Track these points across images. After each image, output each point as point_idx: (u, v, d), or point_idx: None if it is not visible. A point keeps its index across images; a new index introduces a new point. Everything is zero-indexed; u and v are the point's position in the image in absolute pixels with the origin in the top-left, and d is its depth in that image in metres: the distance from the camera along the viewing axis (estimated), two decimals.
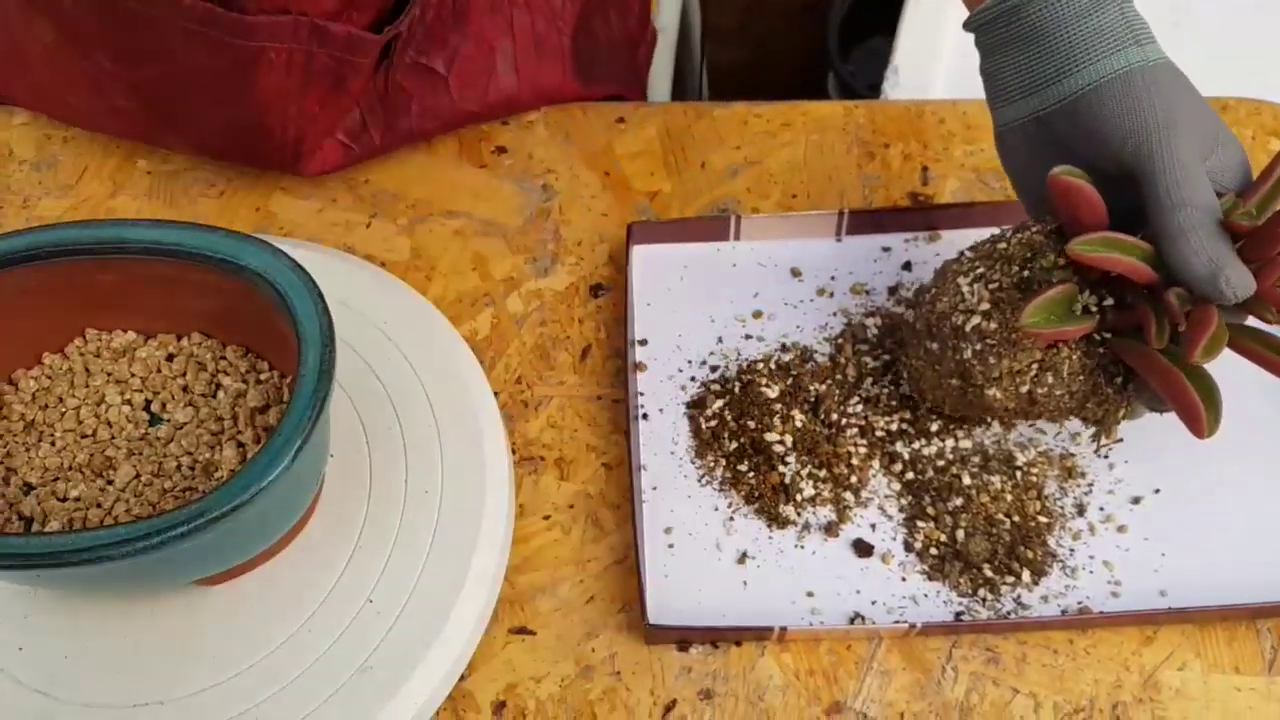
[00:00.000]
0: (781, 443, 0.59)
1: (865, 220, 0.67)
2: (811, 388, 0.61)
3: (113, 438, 0.55)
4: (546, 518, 0.59)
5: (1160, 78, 0.51)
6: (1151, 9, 0.94)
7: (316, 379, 0.48)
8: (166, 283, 0.55)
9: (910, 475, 0.59)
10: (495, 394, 0.62)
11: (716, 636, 0.55)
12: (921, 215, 0.68)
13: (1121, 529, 0.58)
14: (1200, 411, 0.48)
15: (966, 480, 0.57)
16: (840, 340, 0.64)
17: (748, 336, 0.65)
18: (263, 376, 0.56)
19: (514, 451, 0.61)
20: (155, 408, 0.56)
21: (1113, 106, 0.50)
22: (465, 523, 0.55)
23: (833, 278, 0.67)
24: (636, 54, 0.80)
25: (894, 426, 0.60)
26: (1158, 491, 0.59)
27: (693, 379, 0.64)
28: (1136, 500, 0.59)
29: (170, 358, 0.57)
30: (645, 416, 0.63)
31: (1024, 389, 0.52)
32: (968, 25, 0.56)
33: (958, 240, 0.67)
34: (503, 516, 0.56)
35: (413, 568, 0.54)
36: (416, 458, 0.57)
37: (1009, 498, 0.57)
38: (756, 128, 0.74)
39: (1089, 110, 0.51)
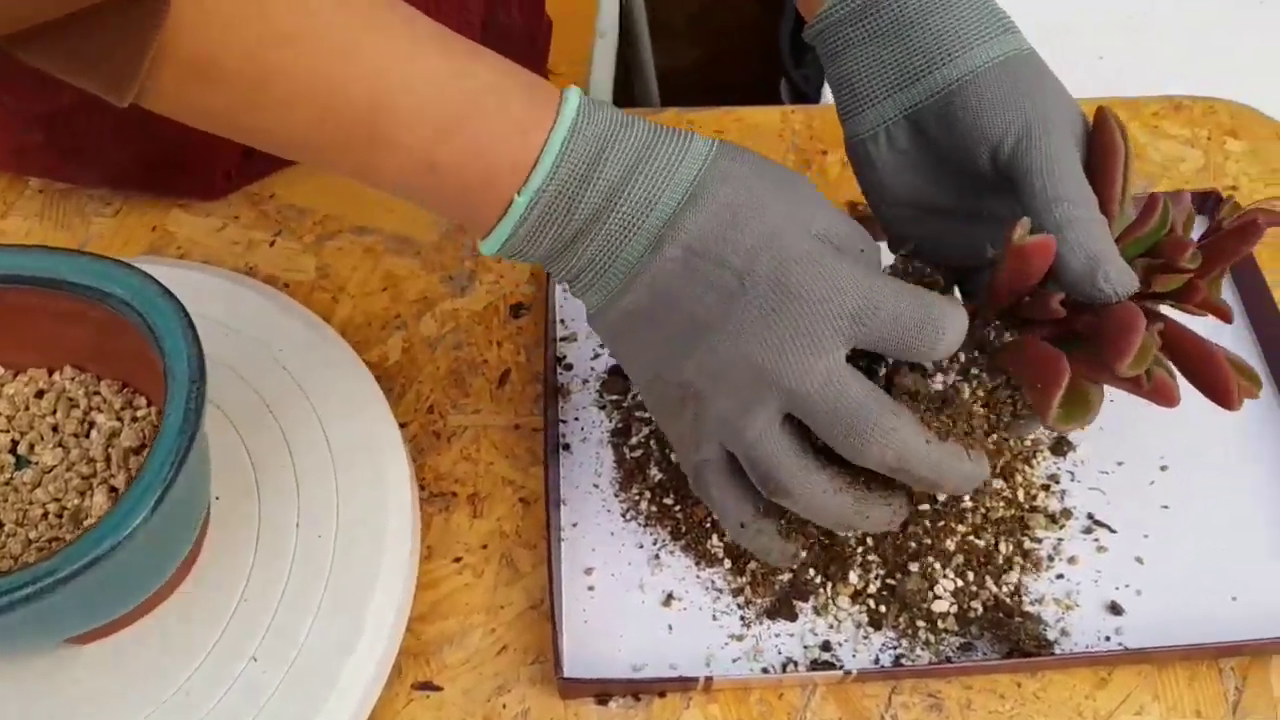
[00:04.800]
0: None
1: None
2: None
3: None
4: (457, 560, 0.55)
5: (1032, 70, 0.48)
6: (1107, 6, 0.91)
7: (182, 420, 0.44)
8: (34, 312, 0.50)
9: None
10: (404, 425, 0.58)
11: (637, 688, 0.51)
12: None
13: (1072, 560, 0.54)
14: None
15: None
16: None
17: None
18: (139, 414, 0.51)
19: (423, 487, 0.57)
20: (22, 449, 0.51)
21: (989, 100, 0.47)
22: (362, 569, 0.50)
23: None
24: (536, 44, 0.77)
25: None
26: (1111, 521, 0.55)
27: (618, 404, 0.59)
28: (1088, 531, 0.55)
29: (40, 394, 0.52)
30: (567, 447, 0.58)
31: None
32: (810, 31, 0.51)
33: None
34: (404, 561, 0.51)
35: (302, 621, 0.49)
36: (310, 499, 0.52)
37: (949, 533, 0.53)
38: None
39: (964, 105, 0.47)
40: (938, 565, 0.52)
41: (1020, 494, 0.55)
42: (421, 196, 0.45)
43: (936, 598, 0.52)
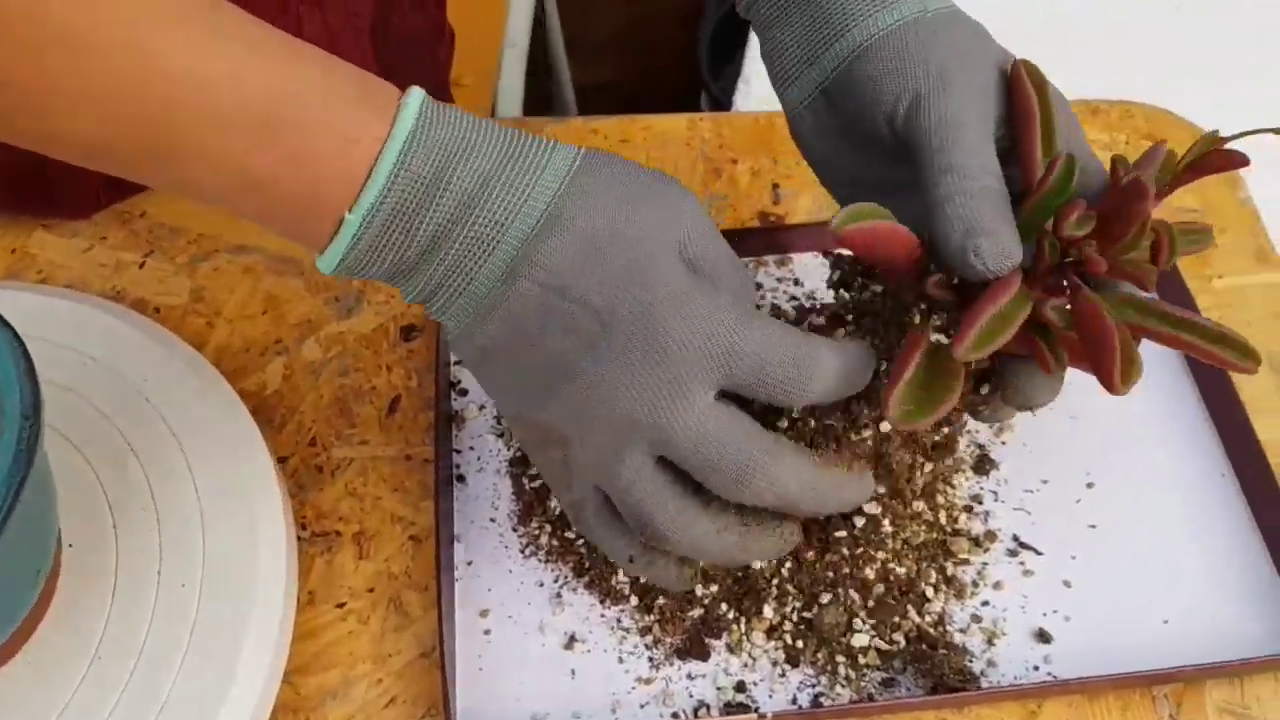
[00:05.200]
0: None
1: None
2: None
3: None
4: (340, 605, 0.50)
5: (937, 29, 0.44)
6: (1024, 11, 0.90)
7: (12, 461, 0.39)
8: None
9: None
10: (283, 459, 0.54)
11: None
12: (772, 236, 0.61)
13: (998, 586, 0.51)
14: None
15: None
16: None
17: None
18: None
19: (304, 527, 0.52)
20: None
21: (884, 65, 0.44)
22: (230, 620, 0.46)
23: None
24: (436, 53, 0.73)
25: None
26: (1037, 543, 0.52)
27: None
28: (1014, 554, 0.52)
29: None
30: (461, 478, 0.54)
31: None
32: (741, 5, 0.49)
33: (810, 264, 0.61)
34: (278, 609, 0.47)
35: (162, 679, 0.44)
36: (173, 544, 0.48)
37: (869, 560, 0.50)
38: (593, 145, 0.67)
39: (862, 73, 0.44)
40: (856, 596, 0.49)
41: (942, 516, 0.52)
42: (251, 213, 0.40)
43: (856, 631, 0.49)
